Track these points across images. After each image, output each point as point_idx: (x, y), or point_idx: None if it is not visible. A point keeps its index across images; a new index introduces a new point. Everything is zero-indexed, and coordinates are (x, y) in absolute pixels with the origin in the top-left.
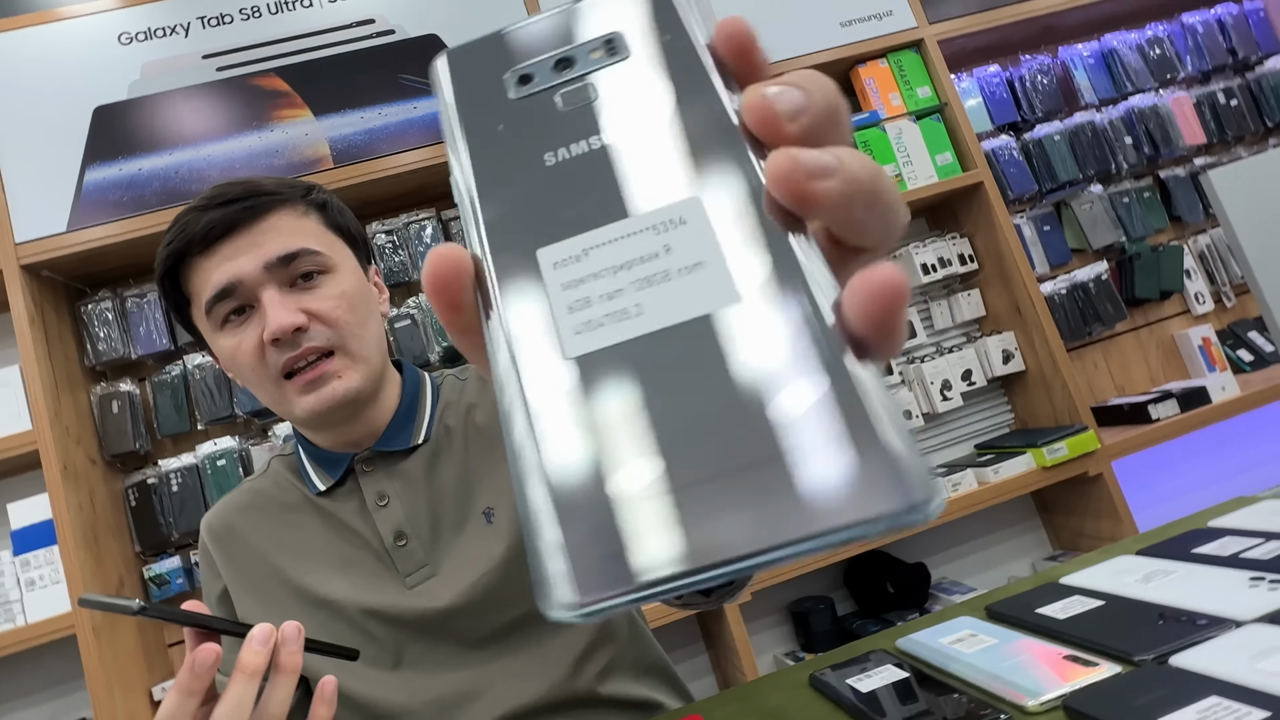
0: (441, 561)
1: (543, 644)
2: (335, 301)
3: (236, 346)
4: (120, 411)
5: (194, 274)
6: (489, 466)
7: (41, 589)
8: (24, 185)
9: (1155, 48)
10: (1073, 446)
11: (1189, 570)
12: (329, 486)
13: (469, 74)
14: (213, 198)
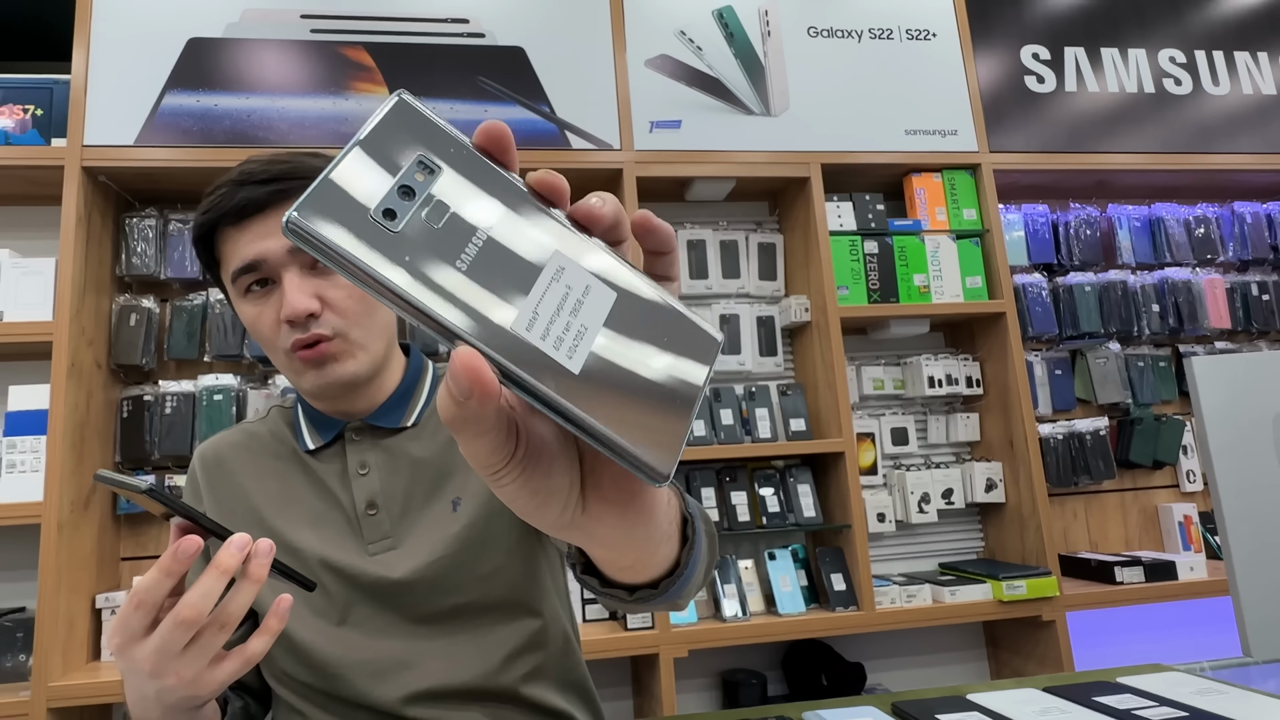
0: (404, 537)
1: (479, 635)
2: (348, 290)
3: (257, 316)
4: (136, 325)
5: (225, 243)
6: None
7: (20, 473)
8: (105, 93)
9: (1201, 226)
10: (1032, 588)
11: (1083, 714)
12: (318, 447)
13: (340, 221)
14: (250, 174)
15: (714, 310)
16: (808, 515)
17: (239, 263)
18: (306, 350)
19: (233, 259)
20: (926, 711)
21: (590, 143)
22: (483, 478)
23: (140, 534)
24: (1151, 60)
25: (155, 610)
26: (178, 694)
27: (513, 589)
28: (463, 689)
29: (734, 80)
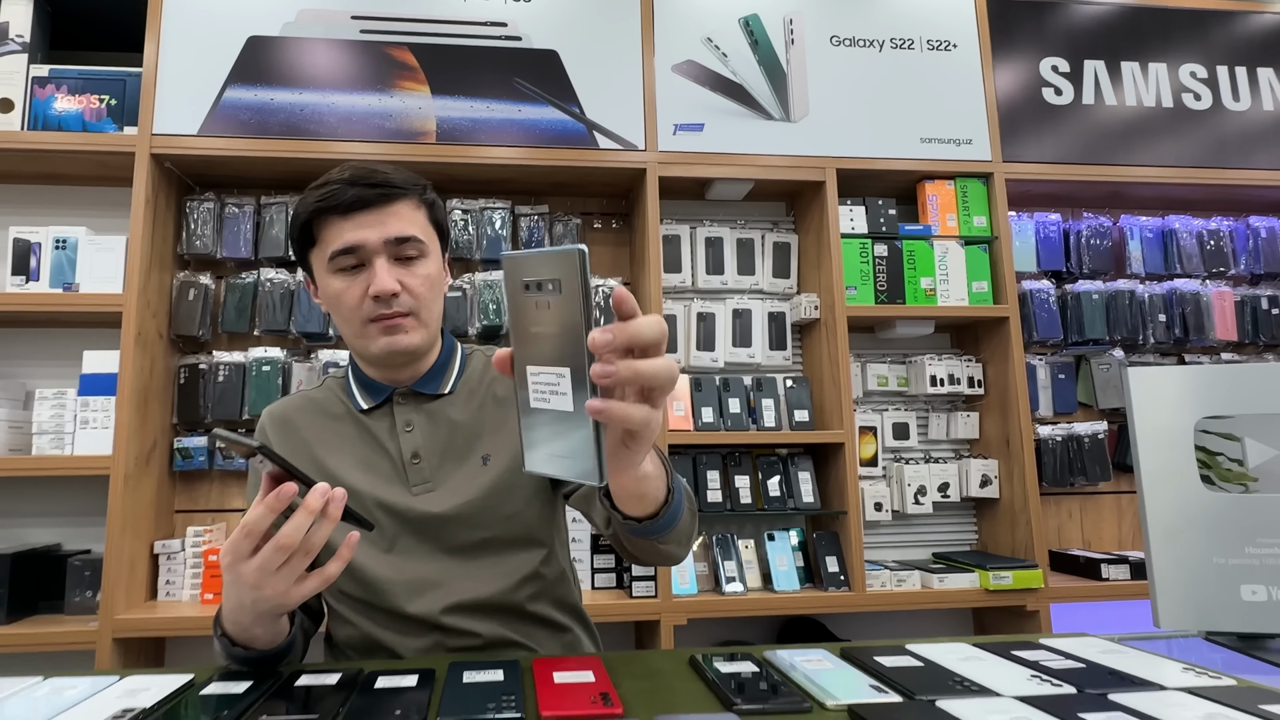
0: (442, 482)
1: (499, 562)
2: (422, 280)
3: (344, 290)
4: (194, 300)
5: (328, 228)
6: (497, 425)
7: (92, 429)
8: (173, 86)
9: (1214, 239)
10: (1018, 579)
11: (995, 661)
12: (370, 407)
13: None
14: (358, 177)
15: (728, 305)
16: (807, 501)
17: (340, 245)
18: (385, 320)
19: (334, 241)
20: (867, 654)
21: (616, 143)
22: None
23: (192, 490)
24: (1172, 75)
25: (259, 538)
26: (270, 603)
27: (527, 528)
28: (481, 603)
29: (756, 86)
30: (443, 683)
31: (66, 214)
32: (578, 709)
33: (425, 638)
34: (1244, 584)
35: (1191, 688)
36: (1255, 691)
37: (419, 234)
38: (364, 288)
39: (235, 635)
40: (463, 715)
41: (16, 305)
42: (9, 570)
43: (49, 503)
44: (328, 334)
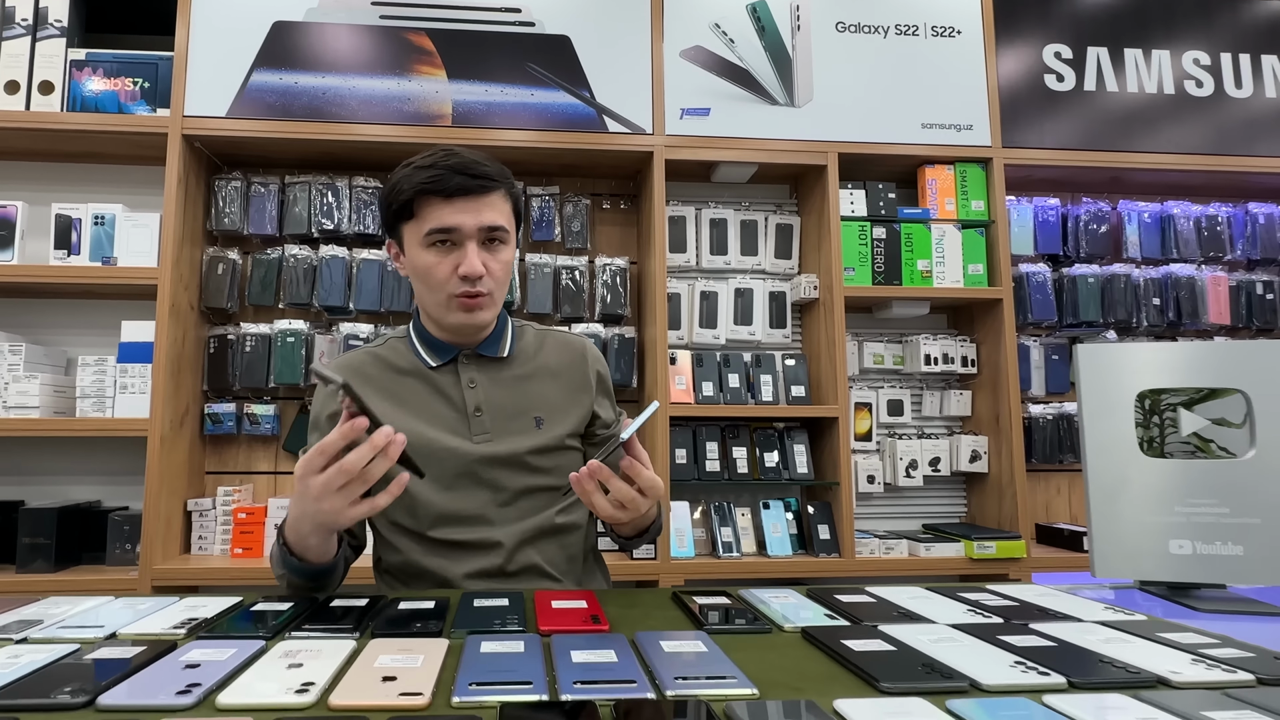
0: (499, 434)
1: (536, 507)
2: (502, 265)
3: (436, 264)
4: (223, 274)
5: (429, 207)
6: (548, 395)
7: (130, 394)
8: (203, 70)
9: (1212, 225)
10: (1001, 549)
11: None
12: (438, 365)
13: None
14: (462, 166)
15: (730, 284)
16: (801, 472)
17: (438, 224)
18: (469, 298)
19: (432, 220)
20: (830, 593)
21: (625, 126)
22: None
23: (221, 453)
24: (1175, 62)
25: (330, 459)
26: (326, 516)
27: (564, 479)
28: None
29: (762, 71)
30: (456, 607)
31: (104, 191)
32: (571, 625)
33: (471, 563)
34: (1172, 539)
35: (1104, 621)
36: (1156, 623)
37: (505, 223)
38: (454, 265)
39: (293, 544)
40: (474, 627)
41: (59, 277)
42: (56, 524)
43: (89, 462)
44: (348, 308)
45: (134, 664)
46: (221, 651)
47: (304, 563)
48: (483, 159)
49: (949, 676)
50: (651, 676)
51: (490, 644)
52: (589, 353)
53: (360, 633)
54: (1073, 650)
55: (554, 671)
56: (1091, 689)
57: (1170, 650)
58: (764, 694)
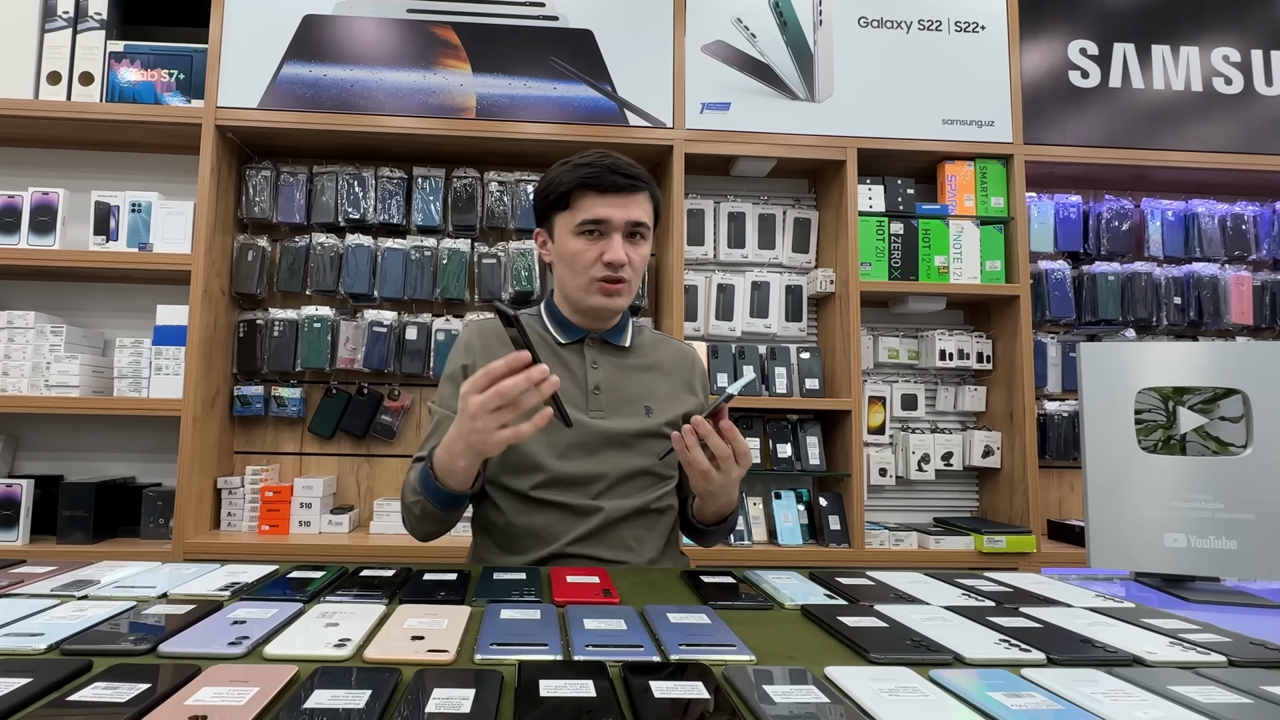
0: (612, 414)
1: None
2: (641, 258)
3: (583, 250)
4: (252, 261)
5: (584, 200)
6: (660, 388)
7: (164, 375)
8: (235, 62)
9: (1238, 224)
10: (1011, 543)
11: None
12: (566, 343)
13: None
14: (616, 166)
15: (747, 277)
16: (813, 463)
17: (592, 216)
18: (610, 284)
19: (586, 211)
20: (831, 576)
21: (646, 120)
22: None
23: (249, 434)
24: (1204, 59)
25: (492, 380)
26: (477, 436)
27: (668, 467)
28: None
29: (783, 66)
30: (477, 579)
31: (141, 179)
32: (584, 597)
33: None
34: (1167, 532)
35: (1093, 607)
36: (1141, 610)
37: (648, 221)
38: (599, 253)
39: (441, 464)
40: (493, 597)
41: (98, 262)
42: (94, 498)
43: (123, 439)
44: (372, 295)
45: (187, 619)
46: (264, 610)
47: (444, 488)
48: (634, 163)
49: (934, 650)
50: (658, 643)
51: (509, 611)
52: (697, 362)
53: (389, 599)
54: (1056, 631)
55: (568, 636)
56: (1068, 665)
57: (1150, 634)
58: (761, 661)
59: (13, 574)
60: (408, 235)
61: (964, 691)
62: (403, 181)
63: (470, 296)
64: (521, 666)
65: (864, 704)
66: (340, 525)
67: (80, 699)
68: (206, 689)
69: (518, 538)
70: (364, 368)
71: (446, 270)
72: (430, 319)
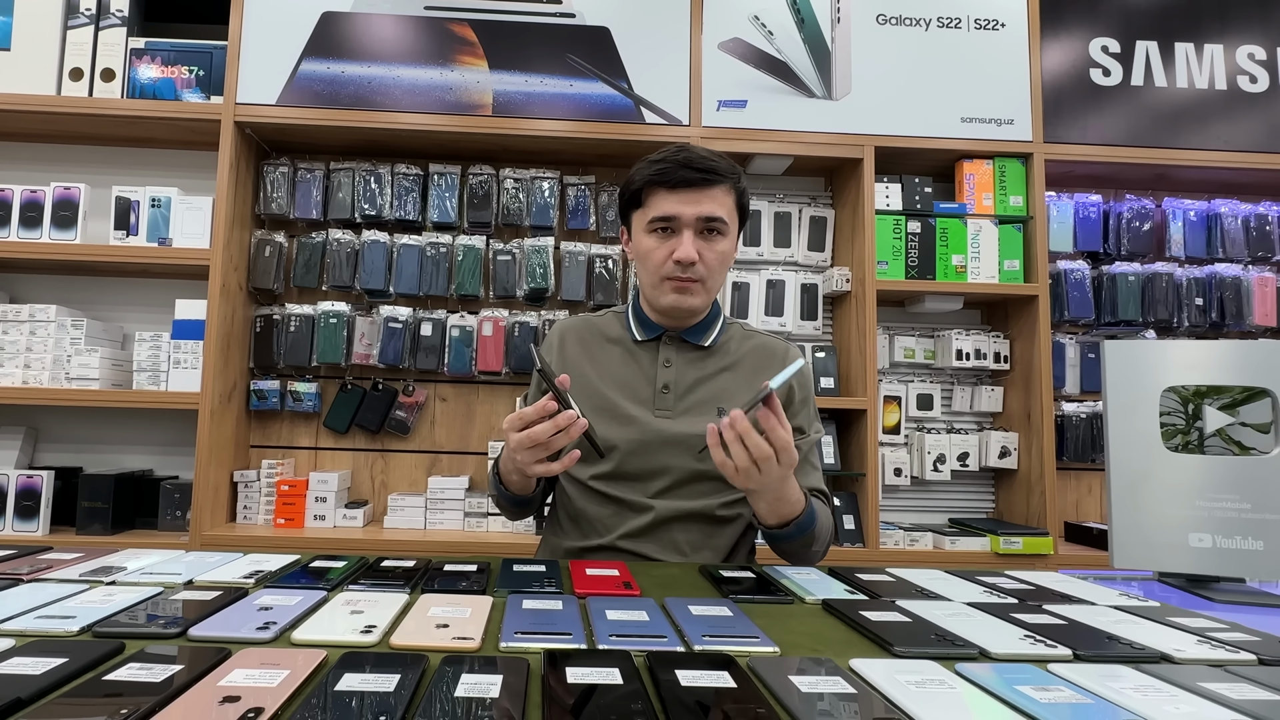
0: (680, 414)
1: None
2: (717, 255)
3: (654, 249)
4: (269, 256)
5: (655, 197)
6: (737, 389)
7: (183, 369)
8: (254, 59)
9: (1262, 224)
10: (1028, 544)
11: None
12: (643, 340)
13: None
14: (688, 160)
15: (762, 275)
16: (828, 463)
17: (661, 213)
18: (680, 281)
19: (657, 209)
20: (851, 572)
21: (662, 118)
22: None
23: (265, 428)
24: (1229, 56)
25: (526, 424)
26: (519, 464)
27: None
28: (681, 514)
29: (800, 64)
30: (497, 571)
31: (160, 175)
32: (604, 589)
33: (632, 521)
34: (1192, 532)
35: (1117, 605)
36: (1168, 609)
37: (724, 215)
38: (670, 250)
39: (502, 474)
40: (515, 587)
41: (119, 256)
42: (113, 489)
43: (141, 432)
44: (388, 291)
45: (214, 605)
46: (290, 598)
47: (508, 491)
48: (712, 155)
49: (959, 645)
50: (681, 634)
51: (531, 602)
52: (788, 354)
53: (411, 589)
54: (1082, 628)
55: (590, 626)
56: (1095, 660)
57: (1178, 632)
58: (785, 653)
59: (40, 560)
60: (423, 231)
61: (991, 685)
62: (419, 178)
63: (485, 293)
64: (547, 655)
65: (892, 696)
66: (355, 519)
67: (116, 679)
68: (238, 670)
69: (577, 523)
70: (379, 363)
71: (461, 266)
72: (445, 315)
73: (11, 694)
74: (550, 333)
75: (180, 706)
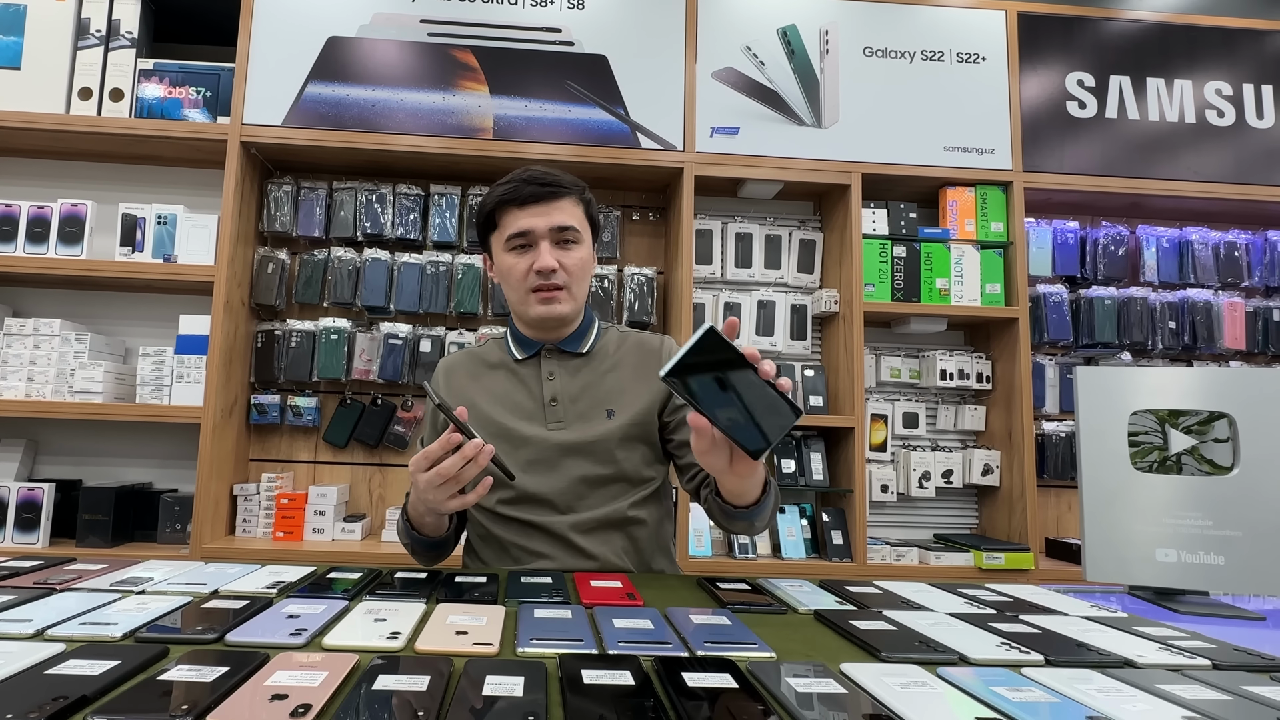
0: (572, 423)
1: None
2: (575, 261)
3: (515, 264)
4: (272, 273)
5: (507, 216)
6: (623, 389)
7: (186, 384)
8: (261, 81)
9: (1231, 251)
10: (1010, 559)
11: (942, 594)
12: (523, 358)
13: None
14: (533, 177)
15: (754, 296)
16: (817, 479)
17: (516, 229)
18: (544, 292)
19: (510, 227)
20: (840, 584)
21: (657, 143)
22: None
23: (265, 442)
24: (1197, 91)
25: (431, 463)
26: (431, 504)
27: (637, 471)
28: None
29: (790, 93)
30: (505, 581)
31: (165, 193)
32: (609, 599)
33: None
34: (1159, 547)
35: (1088, 616)
36: (1134, 620)
37: (575, 224)
38: (530, 264)
39: (413, 520)
40: (524, 598)
41: (124, 272)
42: (113, 502)
43: (141, 445)
44: (388, 308)
45: (245, 613)
46: (314, 606)
47: (422, 535)
48: (555, 172)
49: (941, 650)
50: (684, 640)
51: (541, 611)
52: (666, 344)
53: (427, 599)
54: (1054, 636)
55: (599, 633)
56: (1064, 665)
57: (1141, 640)
58: (781, 658)
59: (69, 570)
60: (424, 250)
61: (969, 687)
62: (420, 198)
63: (484, 310)
64: (563, 659)
65: (879, 696)
66: (353, 533)
67: (169, 678)
68: (280, 672)
69: (495, 550)
70: (379, 378)
71: (461, 284)
72: (444, 332)
73: (77, 692)
74: (435, 372)
75: (234, 703)
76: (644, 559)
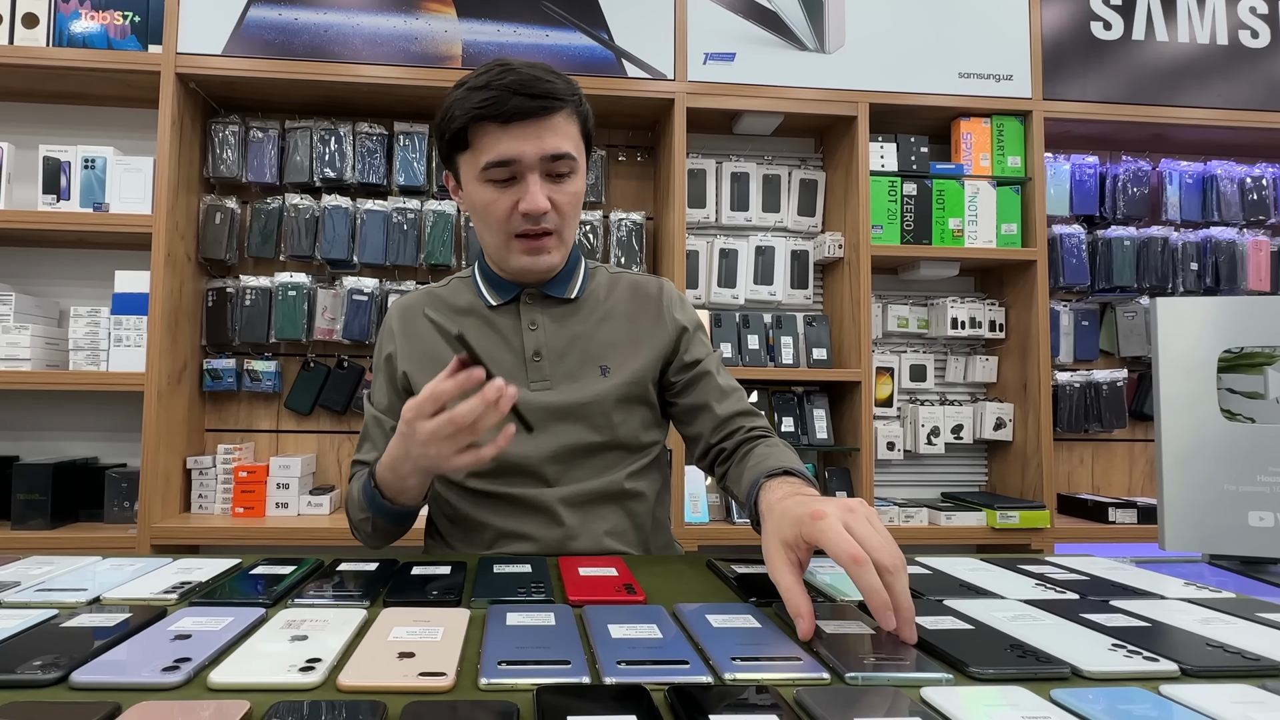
0: (558, 382)
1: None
2: (569, 198)
3: (494, 201)
4: (221, 224)
5: (484, 135)
6: (618, 340)
7: (125, 347)
8: (197, 3)
9: (1257, 186)
10: (1025, 518)
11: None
12: (499, 304)
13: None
14: (520, 85)
15: (751, 241)
16: (820, 437)
17: (495, 156)
18: (530, 240)
19: (488, 152)
20: None
21: (645, 72)
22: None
23: (221, 410)
24: (1230, 10)
25: (440, 405)
26: (430, 461)
27: (634, 436)
28: (580, 494)
29: (792, 14)
30: (474, 572)
31: (94, 134)
32: (604, 595)
33: (531, 519)
34: (1252, 510)
35: (1192, 598)
36: (1252, 603)
37: (572, 150)
38: (514, 201)
39: (387, 484)
40: (496, 595)
41: (49, 224)
42: (51, 480)
43: (85, 417)
44: (352, 261)
45: (116, 634)
46: (216, 620)
47: (394, 505)
48: (544, 72)
49: (1045, 661)
50: (705, 657)
51: (516, 615)
52: (665, 290)
53: (371, 601)
54: (1172, 632)
55: (592, 649)
56: (1209, 677)
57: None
58: (833, 679)
59: None
60: (389, 196)
61: (1097, 716)
62: (383, 138)
63: (457, 261)
64: (540, 695)
65: None
66: (320, 507)
67: None
68: None
69: (465, 531)
70: (344, 339)
71: (431, 234)
72: (414, 286)
73: None
74: (388, 315)
75: None
76: (642, 537)
